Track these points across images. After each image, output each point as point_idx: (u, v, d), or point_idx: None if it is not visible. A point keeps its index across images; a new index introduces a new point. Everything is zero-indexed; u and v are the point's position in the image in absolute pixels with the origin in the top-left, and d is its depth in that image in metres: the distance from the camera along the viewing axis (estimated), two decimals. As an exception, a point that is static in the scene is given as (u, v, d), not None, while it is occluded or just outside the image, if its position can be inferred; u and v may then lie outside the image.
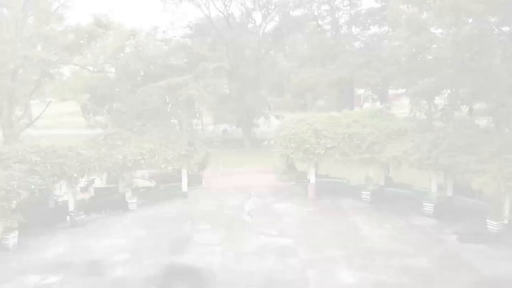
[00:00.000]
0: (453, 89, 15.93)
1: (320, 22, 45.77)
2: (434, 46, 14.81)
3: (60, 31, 24.57)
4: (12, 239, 15.30)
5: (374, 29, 36.53)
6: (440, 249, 14.68)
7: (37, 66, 22.79)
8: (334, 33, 39.36)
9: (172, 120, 21.94)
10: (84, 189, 23.15)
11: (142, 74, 22.70)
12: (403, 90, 41.20)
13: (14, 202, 15.13)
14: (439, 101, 27.28)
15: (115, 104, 22.22)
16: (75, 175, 17.46)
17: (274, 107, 47.12)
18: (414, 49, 15.12)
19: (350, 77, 29.40)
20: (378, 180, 22.39)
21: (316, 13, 44.06)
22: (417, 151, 17.90)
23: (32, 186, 15.67)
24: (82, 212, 18.18)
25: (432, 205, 18.12)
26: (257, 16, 43.44)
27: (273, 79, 48.12)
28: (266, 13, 39.32)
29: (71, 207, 17.98)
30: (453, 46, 14.19)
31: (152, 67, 22.39)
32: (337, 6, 39.93)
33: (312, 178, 21.88)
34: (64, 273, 13.31)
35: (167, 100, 21.44)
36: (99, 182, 24.62)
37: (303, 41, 44.45)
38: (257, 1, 37.84)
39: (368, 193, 20.35)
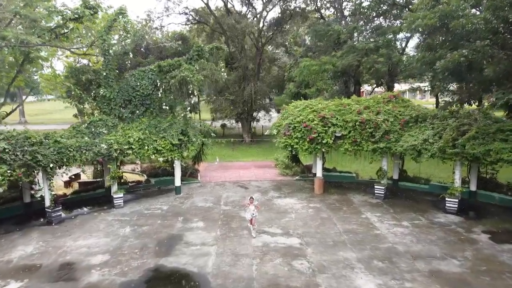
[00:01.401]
0: (484, 66, 13.80)
1: (323, 14, 43.84)
2: (463, 15, 12.68)
3: (44, 12, 22.51)
4: (-26, 238, 13.26)
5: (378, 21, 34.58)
6: (472, 250, 12.57)
7: (16, 48, 20.76)
8: (338, 23, 37.30)
9: (164, 107, 19.77)
10: (67, 184, 21.20)
11: (131, 56, 20.52)
12: (412, 82, 39.30)
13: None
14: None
15: (101, 90, 20.06)
16: (51, 165, 15.34)
17: (274, 104, 45.11)
18: (439, 19, 12.99)
19: (357, 64, 27.23)
20: (391, 174, 20.38)
21: (319, 4, 42.09)
22: (440, 139, 15.85)
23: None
24: (60, 207, 16.08)
25: (456, 200, 16.02)
26: (258, 5, 41.09)
27: (274, 74, 46.16)
28: (267, 1, 37.32)
29: (47, 202, 15.88)
30: (488, 13, 12.11)
31: (142, 48, 20.30)
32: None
33: (318, 172, 19.77)
34: (29, 278, 11.22)
35: (158, 84, 19.27)
36: (85, 177, 22.75)
37: (306, 31, 42.45)
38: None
39: (382, 187, 18.24)
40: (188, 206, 17.79)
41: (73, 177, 21.29)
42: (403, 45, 34.94)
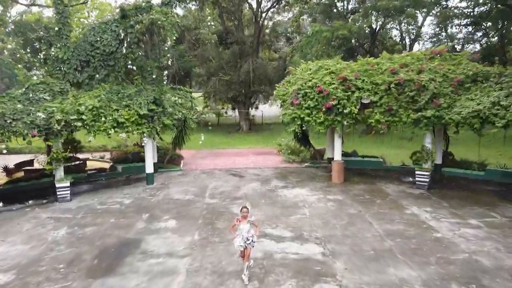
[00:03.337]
0: None
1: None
2: None
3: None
4: None
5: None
6: None
7: None
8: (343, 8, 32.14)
9: (130, 66, 14.98)
10: (10, 172, 16.42)
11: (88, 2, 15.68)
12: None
13: None
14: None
15: (53, 50, 15.27)
16: (-47, 138, 10.53)
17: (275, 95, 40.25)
18: None
19: (379, 28, 22.37)
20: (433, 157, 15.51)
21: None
22: (517, 101, 11.03)
23: None
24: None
25: (540, 189, 11.21)
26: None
27: (274, 66, 41.26)
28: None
29: (-48, 192, 11.07)
30: None
31: None
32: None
33: (337, 154, 14.90)
34: None
35: (122, 36, 14.43)
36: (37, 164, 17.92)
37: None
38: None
39: (426, 173, 13.40)
40: (160, 199, 12.94)
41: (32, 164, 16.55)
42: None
